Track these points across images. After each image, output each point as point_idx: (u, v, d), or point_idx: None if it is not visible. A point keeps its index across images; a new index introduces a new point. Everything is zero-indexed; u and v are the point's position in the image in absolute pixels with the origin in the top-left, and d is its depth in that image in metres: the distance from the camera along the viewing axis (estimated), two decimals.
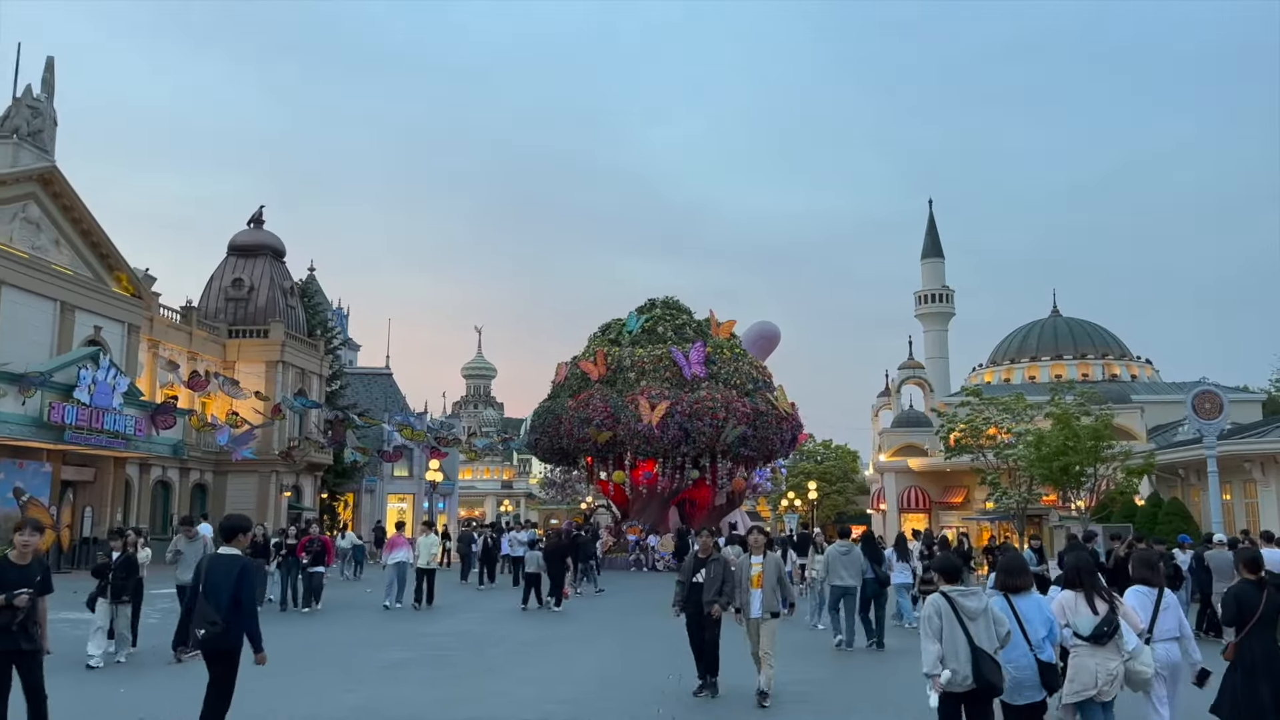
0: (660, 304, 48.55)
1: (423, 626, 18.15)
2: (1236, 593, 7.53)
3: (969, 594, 6.52)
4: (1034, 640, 6.50)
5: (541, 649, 15.51)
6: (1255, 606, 7.23)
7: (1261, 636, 7.23)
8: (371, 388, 60.89)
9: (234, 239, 48.15)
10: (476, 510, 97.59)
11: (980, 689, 6.29)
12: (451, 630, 17.60)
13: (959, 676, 6.27)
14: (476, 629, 17.92)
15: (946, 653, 6.35)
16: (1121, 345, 66.37)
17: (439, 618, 19.56)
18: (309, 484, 47.41)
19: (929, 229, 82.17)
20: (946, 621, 6.40)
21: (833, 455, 77.16)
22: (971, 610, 6.42)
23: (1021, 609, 6.60)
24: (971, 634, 6.33)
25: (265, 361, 44.98)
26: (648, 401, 42.61)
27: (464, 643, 15.96)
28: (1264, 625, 7.24)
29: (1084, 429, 30.06)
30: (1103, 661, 6.65)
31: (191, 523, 15.32)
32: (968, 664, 6.27)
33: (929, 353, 77.27)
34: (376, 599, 22.10)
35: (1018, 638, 6.50)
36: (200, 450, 42.23)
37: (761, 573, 10.56)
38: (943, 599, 6.51)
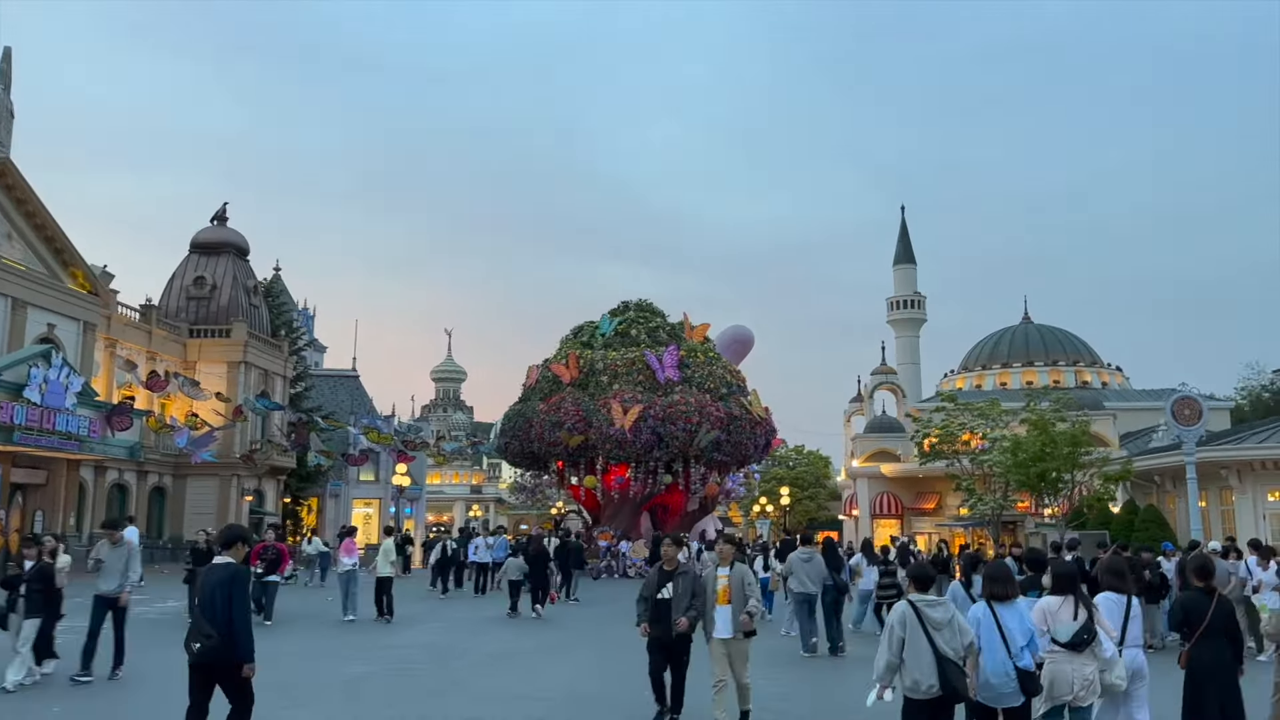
0: (634, 307, 47.90)
1: (385, 638, 17.32)
2: (1184, 601, 7.61)
3: (935, 604, 6.62)
4: (1014, 648, 6.56)
5: (510, 662, 14.77)
6: (1203, 615, 7.29)
7: (1211, 645, 7.26)
8: (338, 390, 59.72)
9: (196, 236, 46.91)
10: (445, 515, 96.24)
11: (946, 696, 6.40)
12: (415, 642, 16.80)
13: (924, 686, 6.37)
14: (442, 640, 17.13)
15: (911, 663, 6.44)
16: (1092, 352, 66.58)
17: (402, 629, 18.73)
18: (271, 488, 46.25)
19: (901, 235, 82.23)
20: (911, 631, 6.49)
21: (805, 461, 76.78)
22: (937, 620, 6.52)
23: (1004, 617, 6.66)
24: (937, 643, 6.44)
25: (227, 362, 43.80)
26: (620, 405, 41.93)
27: (428, 655, 15.18)
28: (1213, 633, 7.25)
29: (1061, 435, 29.76)
30: (1079, 668, 6.69)
31: (116, 526, 13.71)
32: (933, 673, 6.37)
33: (901, 359, 77.23)
34: (337, 608, 21.23)
35: (998, 645, 6.56)
36: (159, 453, 41.00)
37: (728, 586, 9.31)
38: (909, 608, 6.59)
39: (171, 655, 12.93)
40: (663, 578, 9.57)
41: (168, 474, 42.45)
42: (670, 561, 9.71)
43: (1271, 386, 61.45)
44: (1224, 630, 7.37)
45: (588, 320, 48.03)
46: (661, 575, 9.62)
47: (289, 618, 19.95)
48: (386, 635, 17.71)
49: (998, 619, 6.67)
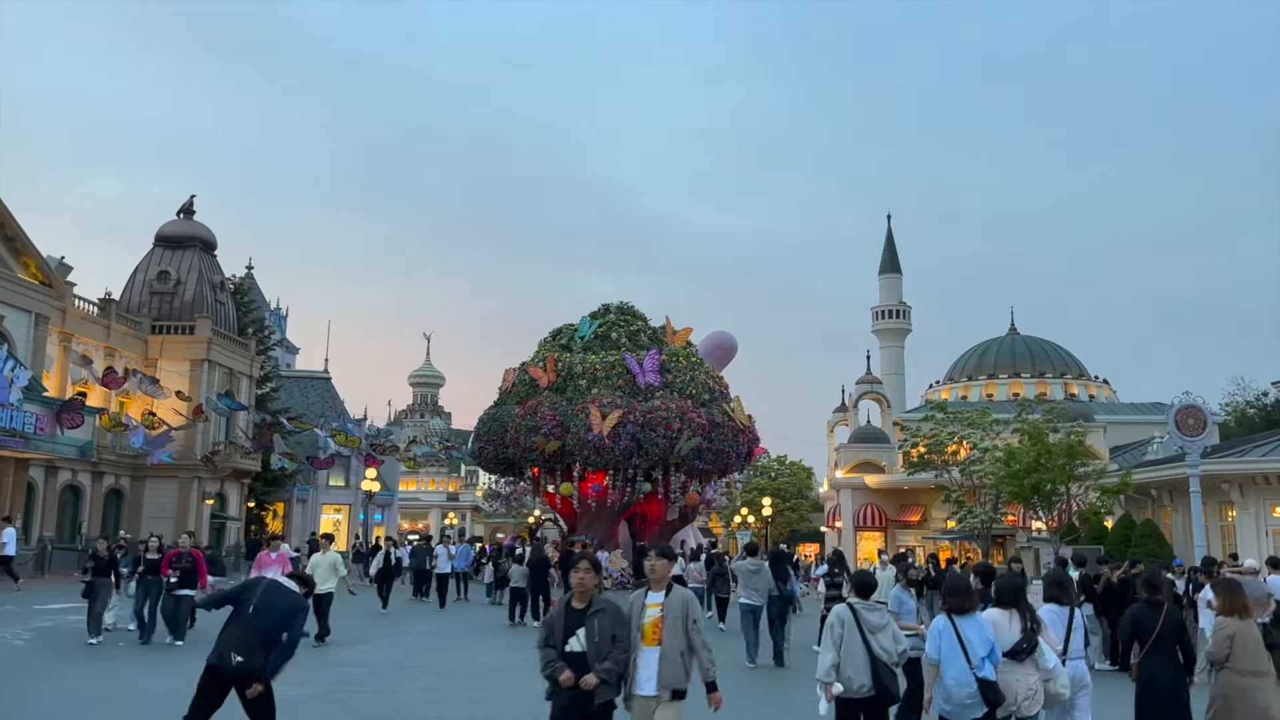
0: (614, 309, 46.47)
1: (329, 655, 15.80)
2: (1133, 613, 7.72)
3: (873, 608, 6.95)
4: (974, 660, 6.56)
5: (467, 682, 13.32)
6: (1151, 627, 7.36)
7: (1161, 656, 7.32)
8: (309, 392, 58.02)
9: (161, 230, 45.14)
10: (420, 523, 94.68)
11: (879, 696, 6.65)
12: (363, 659, 15.29)
13: (855, 684, 6.60)
14: (394, 657, 15.63)
15: (846, 662, 6.67)
16: (1079, 365, 65.73)
17: (348, 647, 17.19)
18: (235, 492, 44.49)
19: (887, 244, 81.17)
20: (848, 632, 6.75)
21: (787, 471, 75.49)
22: (873, 624, 6.80)
23: (964, 629, 6.68)
24: (872, 645, 6.69)
25: (190, 360, 42.05)
26: (599, 410, 40.47)
27: (376, 675, 13.70)
28: (1163, 645, 7.32)
29: (1057, 445, 28.57)
30: (1022, 678, 6.73)
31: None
32: (866, 673, 6.62)
33: (885, 369, 76.07)
34: None
35: (959, 657, 6.57)
36: (115, 453, 39.19)
37: (660, 619, 6.19)
38: (847, 610, 6.88)
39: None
40: (571, 619, 6.18)
41: (125, 475, 40.63)
42: (584, 594, 6.23)
43: (1258, 403, 60.70)
44: (1175, 642, 7.38)
45: (567, 323, 46.58)
46: (569, 615, 6.20)
47: (210, 637, 18.13)
48: (331, 652, 16.16)
49: (958, 631, 6.68)
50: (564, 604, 6.33)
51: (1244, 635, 7.17)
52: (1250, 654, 7.12)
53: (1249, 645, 7.15)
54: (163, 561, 15.96)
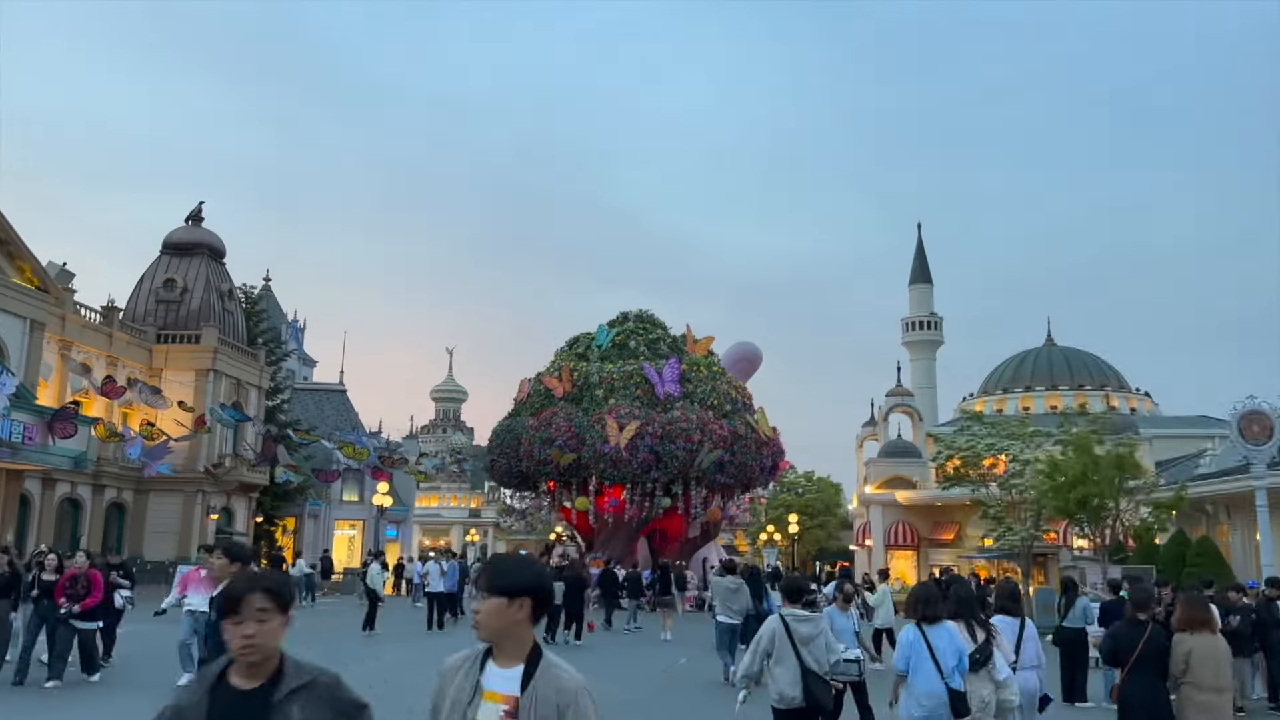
0: (633, 317, 44.88)
1: None
2: (1114, 632, 7.64)
3: (804, 619, 7.01)
4: (945, 669, 6.50)
5: None
6: (1134, 646, 7.21)
7: (1143, 677, 7.16)
8: (323, 405, 56.80)
9: (169, 237, 44.12)
10: (442, 540, 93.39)
11: (809, 707, 6.72)
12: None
13: (787, 696, 6.70)
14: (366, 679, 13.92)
15: (778, 673, 6.78)
16: (1120, 376, 63.15)
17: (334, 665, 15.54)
18: (242, 506, 43.15)
19: (917, 253, 79.09)
20: (779, 643, 6.81)
21: (815, 488, 73.30)
22: (804, 635, 6.85)
23: (933, 638, 6.61)
24: (802, 656, 6.74)
25: (196, 370, 40.83)
26: (615, 421, 38.81)
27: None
28: (1145, 665, 7.15)
29: (1105, 457, 26.46)
30: (976, 689, 6.70)
31: None
32: (797, 685, 6.69)
33: (916, 382, 73.87)
34: None
35: (929, 667, 6.51)
36: (117, 465, 37.94)
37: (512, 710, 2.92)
38: (779, 622, 6.95)
39: None
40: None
41: (127, 489, 39.37)
42: (253, 668, 2.87)
43: None
44: (1159, 663, 7.18)
45: (584, 331, 44.99)
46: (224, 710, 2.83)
47: (132, 669, 15.52)
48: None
49: (928, 641, 6.60)
50: (209, 687, 2.89)
51: (1202, 650, 7.02)
52: (1209, 669, 6.97)
53: (1208, 661, 7.00)
54: (57, 585, 13.01)
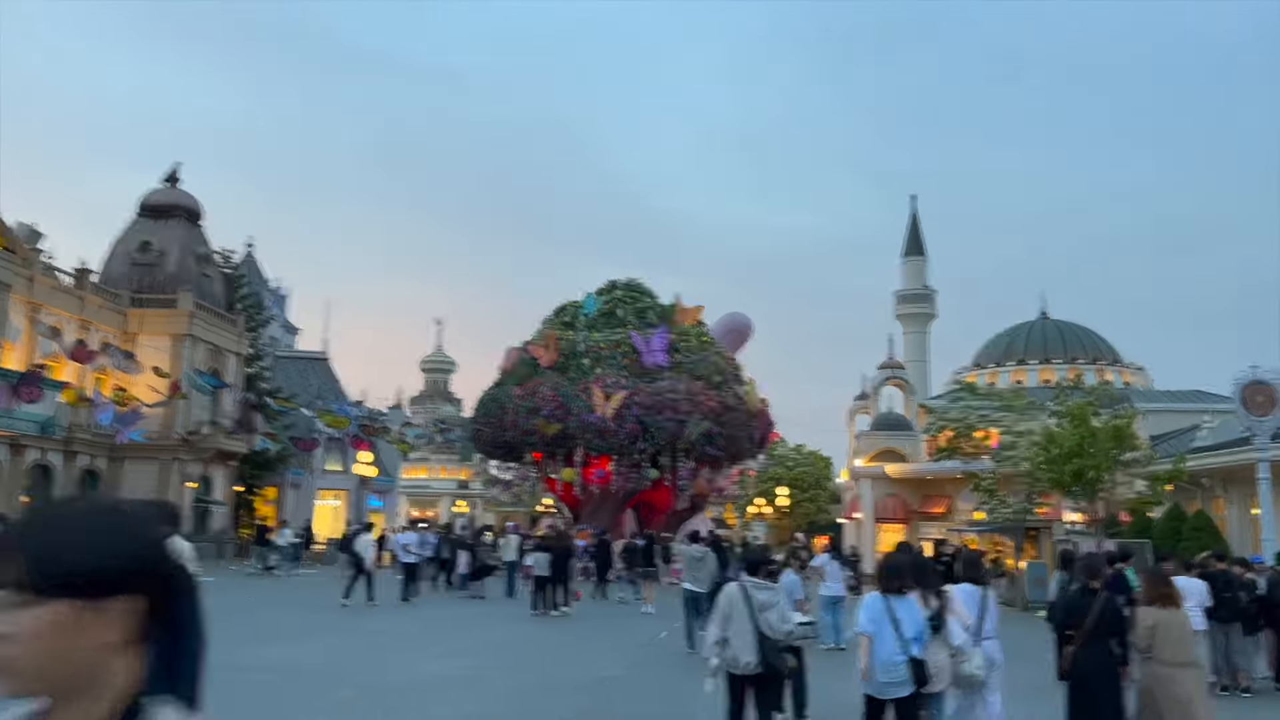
0: (621, 286, 43.96)
1: (247, 655, 13.29)
2: (1065, 601, 7.80)
3: (763, 587, 7.19)
4: (905, 638, 6.58)
5: (390, 700, 10.79)
6: (1084, 615, 7.18)
7: (1094, 645, 7.14)
8: (306, 373, 55.75)
9: (145, 198, 42.83)
10: (429, 511, 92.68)
11: (766, 673, 6.96)
12: (282, 663, 12.79)
13: (743, 661, 6.88)
14: (320, 662, 13.14)
15: (735, 638, 6.94)
16: (1114, 351, 62.37)
17: (279, 643, 14.76)
18: (220, 475, 42.19)
19: (911, 227, 78.17)
20: (736, 610, 7.01)
21: (805, 461, 72.71)
22: (763, 602, 7.05)
23: (897, 609, 6.71)
24: (759, 622, 6.92)
25: (171, 335, 39.72)
26: (602, 391, 38.03)
27: (285, 686, 11.21)
28: (1099, 635, 7.13)
29: (1103, 429, 25.73)
30: (931, 654, 6.74)
31: None
32: (754, 651, 6.86)
33: (908, 355, 73.14)
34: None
35: (890, 637, 6.60)
36: (90, 432, 36.95)
37: None
38: (738, 589, 7.17)
39: None
40: None
41: (101, 456, 38.39)
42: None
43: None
44: (1110, 633, 7.21)
45: (571, 300, 44.06)
46: None
47: None
48: (247, 653, 13.60)
49: (891, 611, 6.70)
50: None
51: (1167, 624, 7.02)
52: (1174, 643, 6.98)
53: (1172, 634, 7.00)
54: None
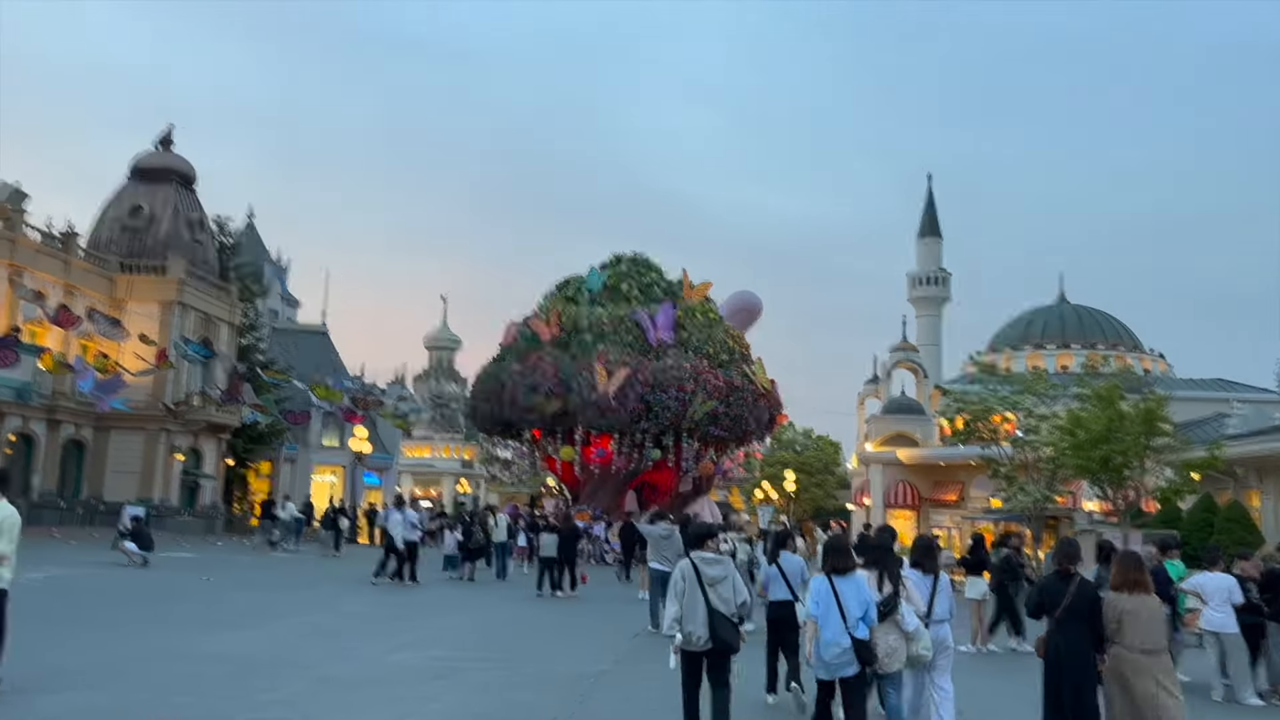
0: (627, 260, 42.48)
1: (198, 642, 11.96)
2: (1041, 585, 7.72)
3: (712, 562, 7.16)
4: (850, 619, 6.72)
5: (347, 696, 9.44)
6: (1059, 599, 7.18)
7: (1067, 630, 7.11)
8: (304, 346, 54.49)
9: (136, 161, 41.50)
10: (433, 490, 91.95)
11: (717, 648, 6.92)
12: (239, 650, 11.42)
13: (695, 637, 6.88)
14: (276, 649, 11.79)
15: (687, 615, 6.93)
16: (1134, 337, 60.81)
17: (241, 628, 13.45)
18: (211, 447, 41.04)
19: (927, 206, 76.43)
20: (689, 585, 7.01)
21: (814, 445, 71.42)
22: (712, 577, 7.03)
23: (841, 589, 6.84)
24: (710, 598, 6.93)
25: (160, 302, 38.50)
26: (604, 368, 36.64)
27: (235, 675, 9.87)
28: (1072, 619, 7.10)
29: (1132, 412, 24.25)
30: (883, 637, 6.94)
31: None
32: (704, 625, 6.87)
33: (921, 340, 71.52)
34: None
35: (835, 617, 6.75)
36: (75, 400, 35.79)
37: None
38: (689, 564, 7.16)
39: None
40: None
41: (86, 426, 37.27)
42: None
43: None
44: (1085, 617, 7.12)
45: (575, 274, 42.61)
46: None
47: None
48: (198, 640, 12.25)
49: (836, 591, 6.83)
50: None
51: (1135, 611, 7.03)
52: (1141, 630, 6.99)
53: (1140, 621, 7.01)
54: None
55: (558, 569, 20.15)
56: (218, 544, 32.25)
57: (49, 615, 13.10)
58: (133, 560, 22.01)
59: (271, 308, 62.88)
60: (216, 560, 26.37)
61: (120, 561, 22.18)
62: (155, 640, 12.01)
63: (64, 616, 13.51)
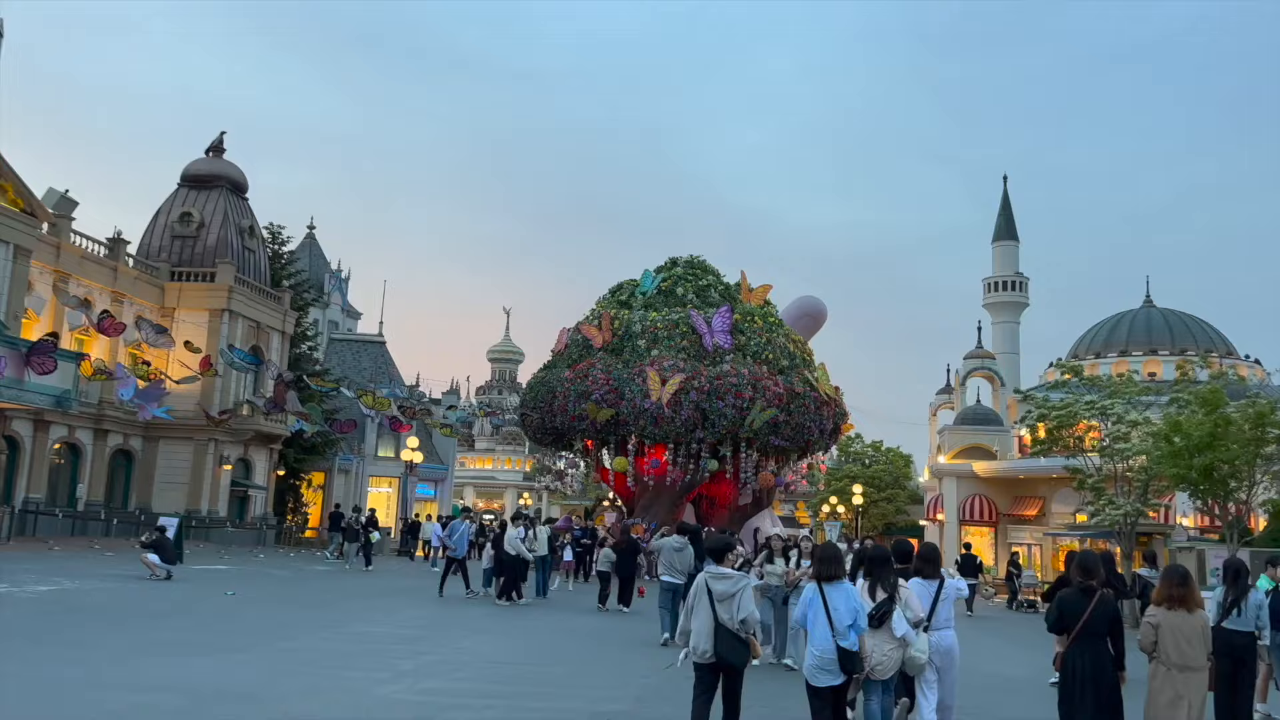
0: (683, 263, 40.75)
1: (165, 666, 10.55)
2: (1060, 599, 7.48)
3: (723, 577, 7.15)
4: (839, 627, 6.76)
5: None
6: (1079, 614, 7.08)
7: (1088, 645, 7.03)
8: (360, 356, 53.88)
9: (187, 169, 41.22)
10: (496, 503, 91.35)
11: (720, 662, 6.95)
12: (207, 680, 9.98)
13: (700, 650, 6.97)
14: (251, 680, 10.30)
15: (695, 627, 7.06)
16: (1227, 342, 56.93)
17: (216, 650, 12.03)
18: (261, 458, 40.39)
19: (1003, 209, 73.18)
20: (698, 599, 7.12)
21: (883, 459, 68.55)
22: (720, 592, 7.05)
23: (831, 597, 6.88)
24: (718, 613, 6.96)
25: (210, 309, 38.01)
26: (658, 374, 34.90)
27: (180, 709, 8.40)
28: (1091, 634, 7.02)
29: (1240, 416, 21.66)
30: (878, 644, 6.99)
31: None
32: (709, 639, 6.94)
33: (998, 347, 68.35)
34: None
35: (824, 624, 6.82)
36: (123, 409, 35.33)
37: None
38: (701, 579, 7.25)
39: None
40: None
41: (135, 435, 36.84)
42: None
43: None
44: (1105, 633, 7.06)
45: (629, 278, 41.04)
46: None
47: None
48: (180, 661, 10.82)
49: (825, 599, 6.87)
50: None
51: (1172, 626, 6.94)
52: (1177, 646, 6.88)
53: (1178, 637, 6.90)
54: None
55: (621, 585, 20.02)
56: (259, 556, 31.29)
57: (9, 631, 11.84)
58: (155, 573, 20.94)
59: (331, 319, 62.71)
60: (254, 573, 25.29)
61: (143, 575, 21.15)
62: (112, 664, 10.62)
63: (27, 633, 12.23)
